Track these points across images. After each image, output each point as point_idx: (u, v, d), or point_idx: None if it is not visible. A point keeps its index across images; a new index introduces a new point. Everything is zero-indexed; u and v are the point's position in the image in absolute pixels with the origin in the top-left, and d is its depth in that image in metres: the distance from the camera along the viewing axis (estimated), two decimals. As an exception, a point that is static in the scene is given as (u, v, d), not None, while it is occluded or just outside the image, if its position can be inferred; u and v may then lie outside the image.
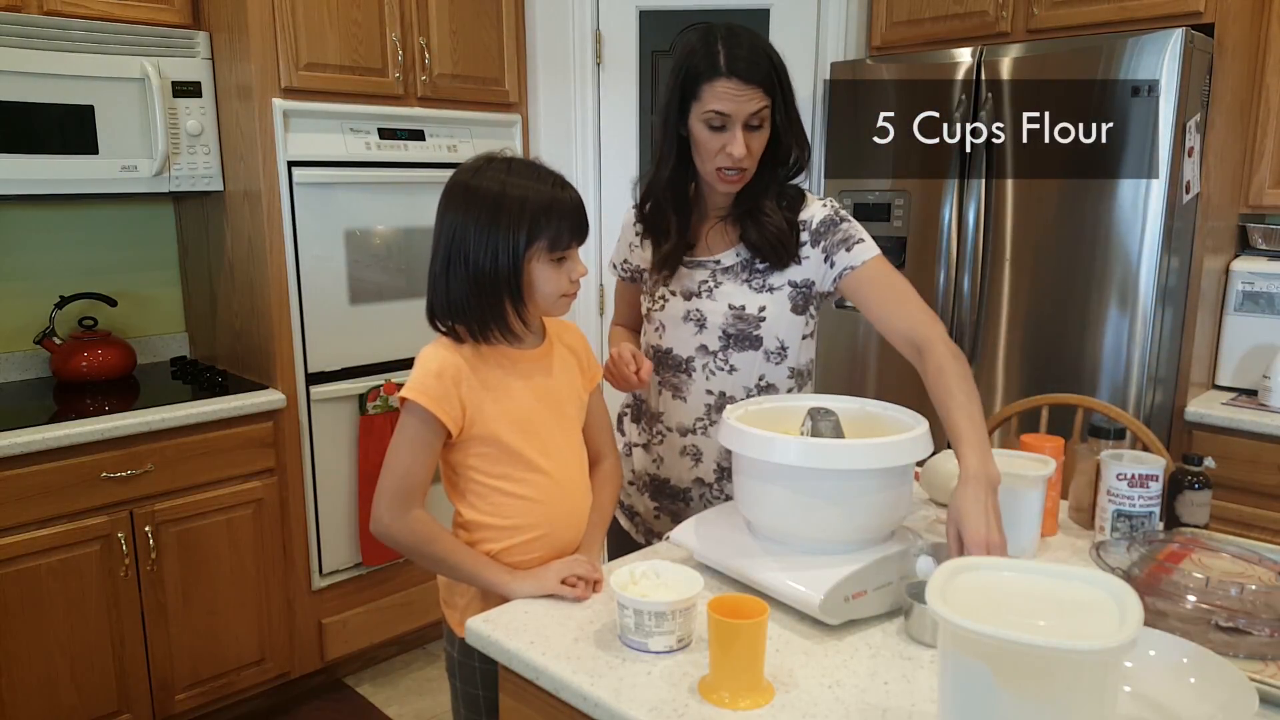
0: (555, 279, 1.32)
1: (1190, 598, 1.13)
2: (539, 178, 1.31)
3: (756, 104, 1.41)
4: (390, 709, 2.67)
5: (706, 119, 1.43)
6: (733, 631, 1.00)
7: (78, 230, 2.66)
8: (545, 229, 1.28)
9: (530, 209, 1.28)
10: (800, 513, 1.22)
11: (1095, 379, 2.39)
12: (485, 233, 1.28)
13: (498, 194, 1.28)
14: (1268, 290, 2.54)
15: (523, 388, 1.36)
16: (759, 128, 1.44)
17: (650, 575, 1.17)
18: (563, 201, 1.30)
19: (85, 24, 2.28)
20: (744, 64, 1.40)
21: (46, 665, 2.15)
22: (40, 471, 2.10)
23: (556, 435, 1.40)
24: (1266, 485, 2.35)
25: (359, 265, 2.64)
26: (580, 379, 1.46)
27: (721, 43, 1.41)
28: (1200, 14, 2.31)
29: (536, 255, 1.29)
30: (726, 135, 1.43)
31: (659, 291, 1.60)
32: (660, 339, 1.61)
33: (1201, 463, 1.48)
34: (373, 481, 1.35)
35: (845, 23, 2.91)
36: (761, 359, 1.56)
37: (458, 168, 1.35)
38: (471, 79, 2.81)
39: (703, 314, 1.56)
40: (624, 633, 1.13)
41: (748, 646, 1.01)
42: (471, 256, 1.29)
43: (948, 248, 2.58)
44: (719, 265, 1.56)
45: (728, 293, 1.55)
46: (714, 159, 1.46)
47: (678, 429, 1.61)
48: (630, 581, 1.16)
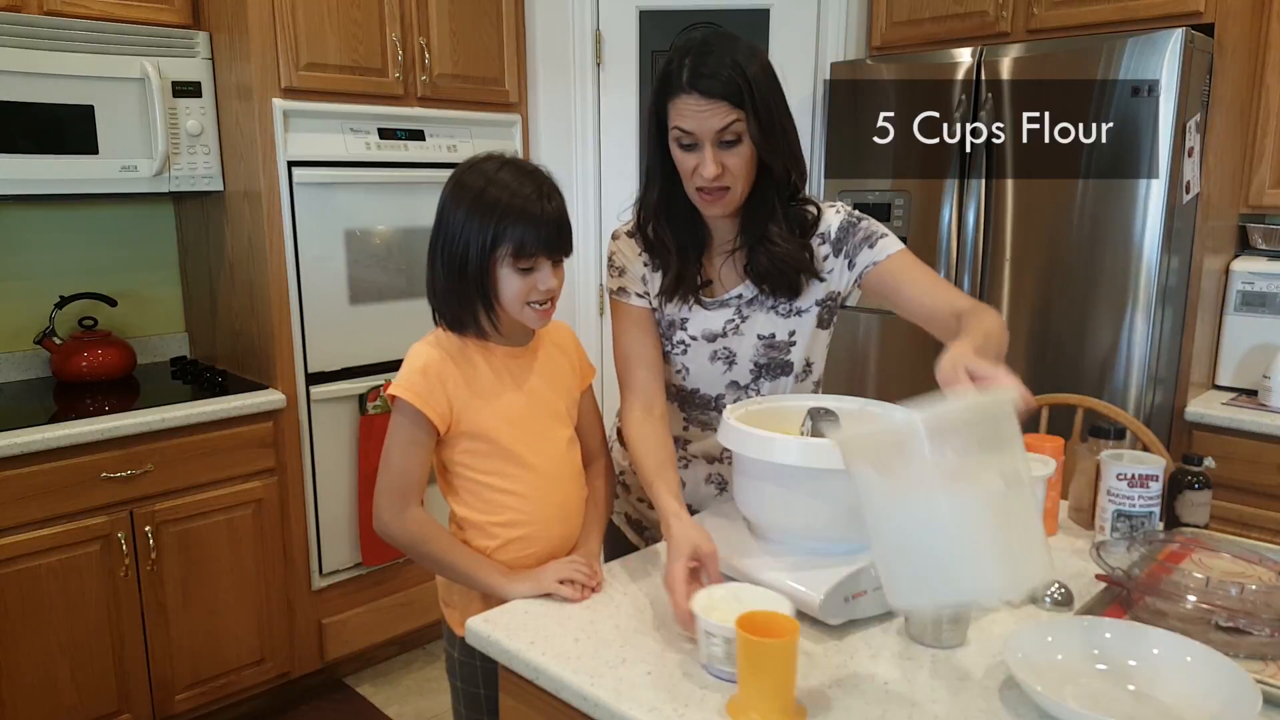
0: (518, 287, 1.29)
1: (1190, 598, 1.13)
2: (524, 182, 1.29)
3: (721, 119, 1.30)
4: (390, 709, 2.67)
5: (676, 138, 1.35)
6: (762, 651, 0.96)
7: (78, 230, 2.66)
8: (511, 234, 1.27)
9: (501, 211, 1.27)
10: (800, 513, 1.22)
11: (1095, 379, 2.39)
12: (462, 227, 1.29)
13: (479, 191, 1.28)
14: (1268, 290, 2.54)
15: (511, 384, 1.36)
16: (735, 143, 1.33)
17: (730, 599, 1.10)
18: (537, 211, 1.27)
19: (85, 24, 2.28)
20: (705, 79, 1.29)
21: (46, 665, 2.15)
22: (40, 471, 2.10)
23: (546, 432, 1.40)
24: (1266, 485, 2.35)
25: (359, 265, 2.64)
26: (571, 377, 1.46)
27: (690, 57, 1.32)
28: (1200, 14, 2.31)
29: (502, 259, 1.28)
30: (697, 154, 1.34)
31: (678, 336, 1.51)
32: (684, 381, 1.53)
33: (1201, 463, 1.48)
34: (372, 481, 1.35)
35: (845, 23, 2.91)
36: (792, 382, 1.52)
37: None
38: (471, 79, 2.81)
39: (731, 351, 1.49)
40: (711, 662, 1.06)
41: (779, 666, 0.97)
42: (449, 249, 1.30)
43: (948, 248, 2.58)
44: (742, 299, 1.48)
45: (756, 324, 1.48)
46: (690, 179, 1.38)
47: (704, 456, 1.57)
48: (710, 606, 1.08)
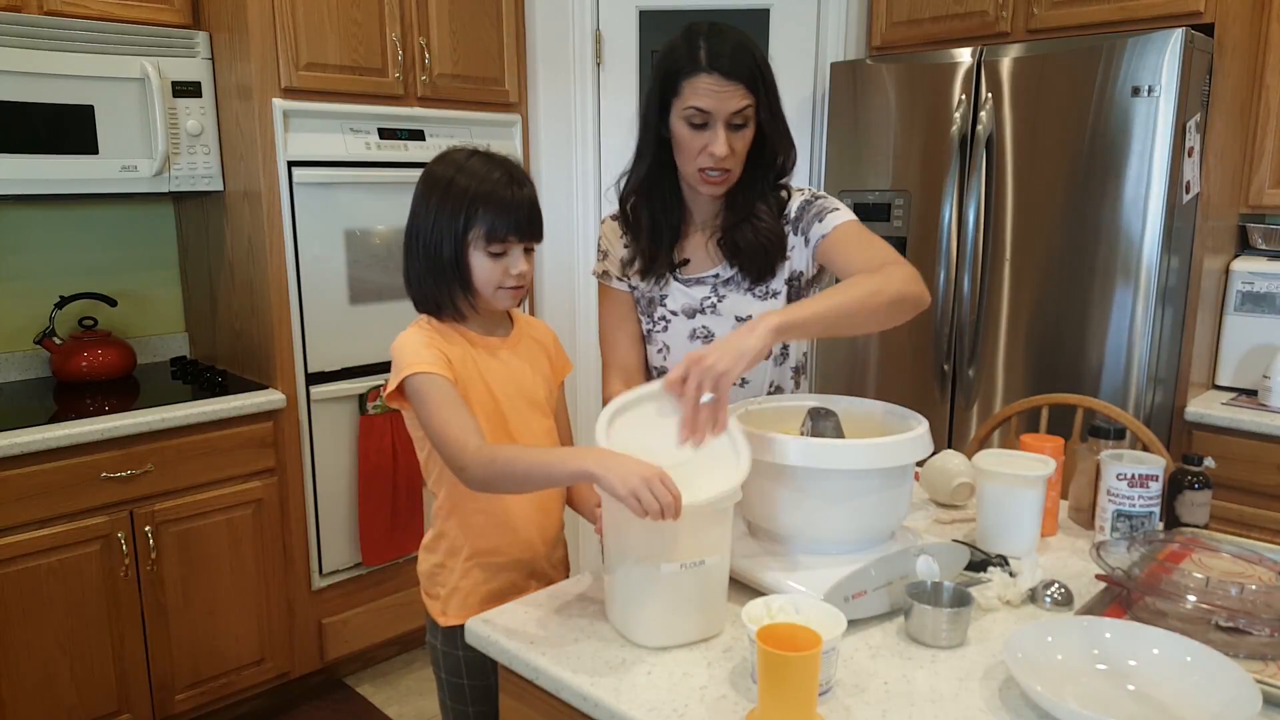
0: (490, 270, 1.33)
1: (1190, 598, 1.13)
2: (493, 169, 1.33)
3: (738, 101, 1.37)
4: (390, 709, 2.67)
5: (687, 116, 1.38)
6: (784, 664, 0.92)
7: (78, 230, 2.66)
8: (482, 218, 1.31)
9: (471, 196, 1.31)
10: (800, 513, 1.22)
11: (1095, 379, 2.39)
12: (434, 215, 1.33)
13: (449, 179, 1.32)
14: (1268, 290, 2.54)
15: (494, 372, 1.39)
16: (742, 127, 1.39)
17: (788, 610, 1.07)
18: (506, 196, 1.31)
19: (85, 24, 2.28)
20: (726, 60, 1.35)
21: (46, 665, 2.15)
22: (40, 471, 2.10)
23: (529, 421, 1.42)
24: (1266, 485, 2.35)
25: (359, 265, 2.64)
26: (549, 369, 1.49)
27: (704, 39, 1.37)
28: (1200, 14, 2.31)
29: (474, 243, 1.32)
30: (708, 134, 1.38)
31: (658, 312, 1.55)
32: (665, 360, 1.57)
33: (1201, 462, 1.48)
34: (372, 481, 1.35)
35: (845, 23, 2.91)
36: (771, 366, 1.55)
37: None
38: (471, 79, 2.81)
39: (710, 330, 1.52)
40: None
41: (800, 680, 0.93)
42: (424, 238, 1.34)
43: (948, 248, 2.58)
44: (719, 279, 1.53)
45: (733, 305, 1.52)
46: (696, 159, 1.41)
47: None
48: (766, 616, 1.06)
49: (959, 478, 1.59)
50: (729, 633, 1.17)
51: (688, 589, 1.13)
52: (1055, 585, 1.26)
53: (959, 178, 2.54)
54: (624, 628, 1.17)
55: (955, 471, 1.60)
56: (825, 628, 1.00)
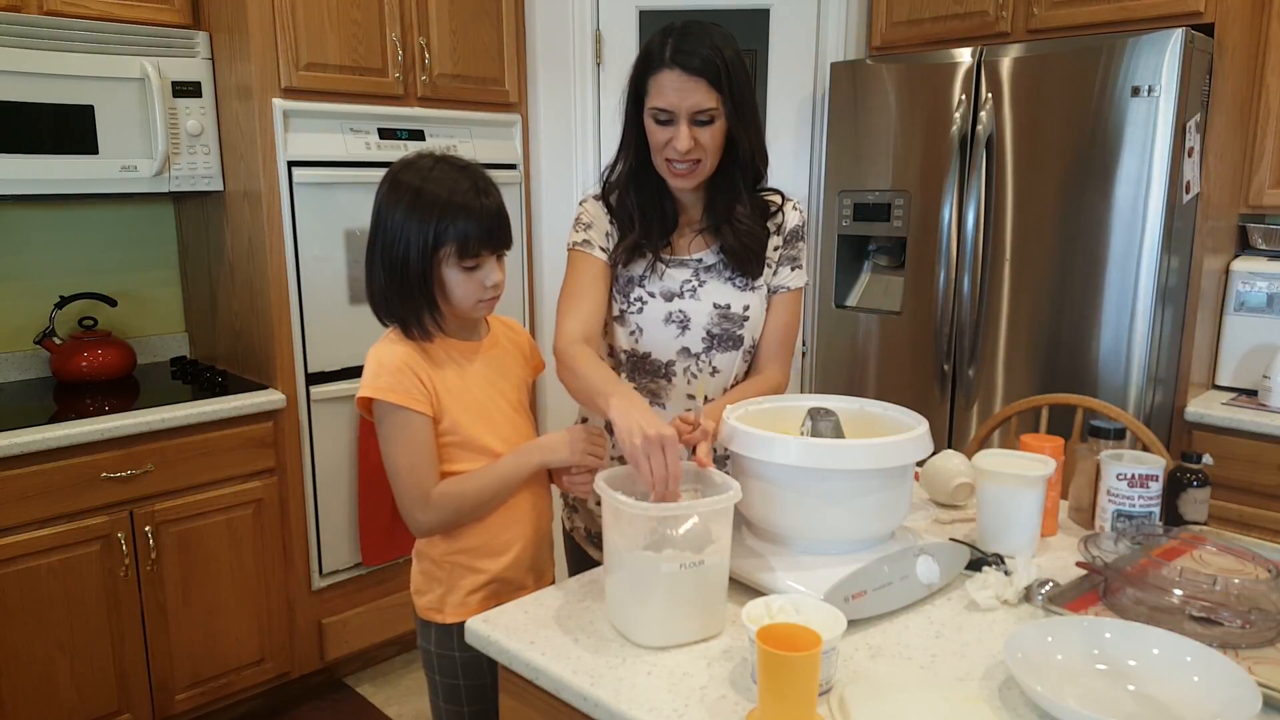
0: (465, 285, 1.32)
1: (1173, 590, 1.15)
2: (460, 178, 1.30)
3: (699, 97, 1.38)
4: (390, 709, 2.67)
5: (654, 113, 1.42)
6: (784, 664, 0.92)
7: (78, 230, 2.66)
8: (454, 231, 1.28)
9: (440, 208, 1.28)
10: (800, 513, 1.22)
11: (1095, 379, 2.39)
12: (401, 227, 1.29)
13: (416, 189, 1.29)
14: (1268, 290, 2.54)
15: (475, 375, 1.39)
16: (708, 123, 1.41)
17: (789, 610, 1.07)
18: (476, 207, 1.29)
19: (85, 24, 2.28)
20: (688, 56, 1.37)
21: (46, 665, 2.15)
22: (40, 471, 2.10)
23: (510, 422, 1.43)
24: (1266, 485, 2.35)
25: (359, 265, 2.63)
26: (524, 368, 1.51)
27: (674, 36, 1.39)
28: (1200, 14, 2.32)
29: (446, 259, 1.30)
30: (672, 129, 1.41)
31: (635, 293, 1.54)
32: (637, 343, 1.55)
33: (1200, 460, 1.49)
34: (372, 481, 1.36)
35: (845, 23, 2.91)
36: (740, 359, 1.57)
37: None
38: (471, 79, 2.81)
39: (686, 315, 1.53)
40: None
41: (801, 680, 0.93)
42: (389, 248, 1.31)
43: (948, 248, 2.58)
44: (701, 264, 1.54)
45: (712, 291, 1.53)
46: (662, 152, 1.45)
47: None
48: (766, 617, 1.06)
49: (959, 478, 1.59)
50: (729, 633, 1.17)
51: (687, 589, 1.13)
52: (1050, 584, 1.26)
53: (959, 178, 2.55)
54: (624, 628, 1.17)
55: (955, 471, 1.60)
56: (825, 628, 1.00)
